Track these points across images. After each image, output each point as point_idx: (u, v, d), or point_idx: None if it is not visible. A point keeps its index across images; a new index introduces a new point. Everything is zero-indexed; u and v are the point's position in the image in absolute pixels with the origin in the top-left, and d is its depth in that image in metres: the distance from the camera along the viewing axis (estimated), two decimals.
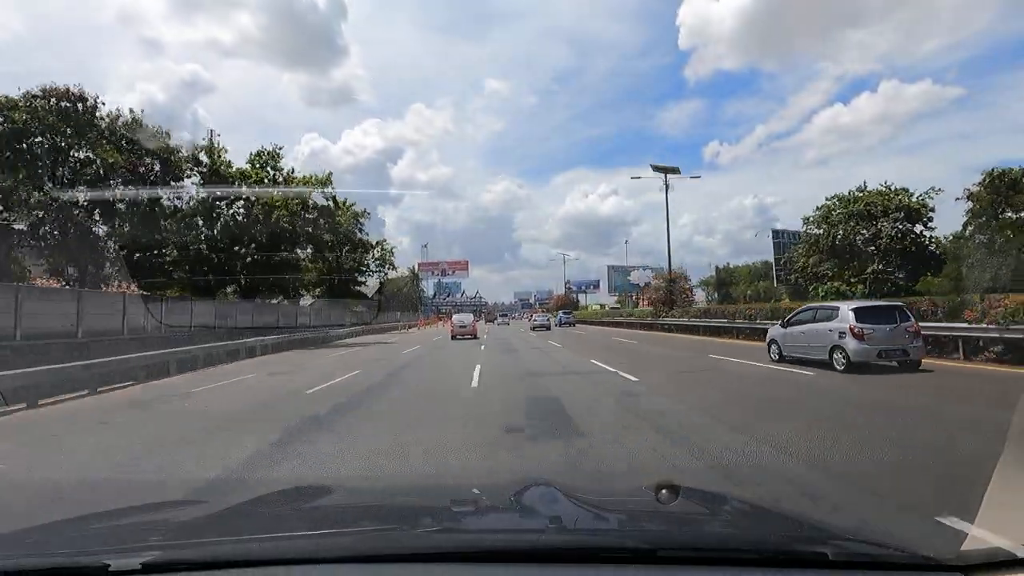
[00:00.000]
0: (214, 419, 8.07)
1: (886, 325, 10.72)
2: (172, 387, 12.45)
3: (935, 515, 3.19)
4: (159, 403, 10.20)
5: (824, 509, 3.58)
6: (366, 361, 17.33)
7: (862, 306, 11.43)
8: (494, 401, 8.77)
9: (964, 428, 5.85)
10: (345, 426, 7.10)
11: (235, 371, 15.71)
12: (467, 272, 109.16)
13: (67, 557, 1.26)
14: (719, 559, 1.19)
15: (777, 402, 8.17)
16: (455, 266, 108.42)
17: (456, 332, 27.76)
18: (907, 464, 4.56)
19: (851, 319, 10.82)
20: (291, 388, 11.34)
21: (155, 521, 1.83)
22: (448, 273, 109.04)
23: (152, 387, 12.66)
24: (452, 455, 5.31)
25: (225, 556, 1.22)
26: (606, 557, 1.20)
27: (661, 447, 5.35)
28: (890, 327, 10.70)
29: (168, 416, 8.83)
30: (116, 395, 11.44)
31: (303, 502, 2.03)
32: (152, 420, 8.53)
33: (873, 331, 10.60)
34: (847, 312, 11.09)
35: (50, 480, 5.04)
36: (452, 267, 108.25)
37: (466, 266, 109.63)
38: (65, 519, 1.81)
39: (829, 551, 1.15)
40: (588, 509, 1.70)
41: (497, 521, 1.77)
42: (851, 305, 11.52)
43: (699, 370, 12.52)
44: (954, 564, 1.10)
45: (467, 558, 1.19)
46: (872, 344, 10.53)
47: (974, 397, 8.00)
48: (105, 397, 11.14)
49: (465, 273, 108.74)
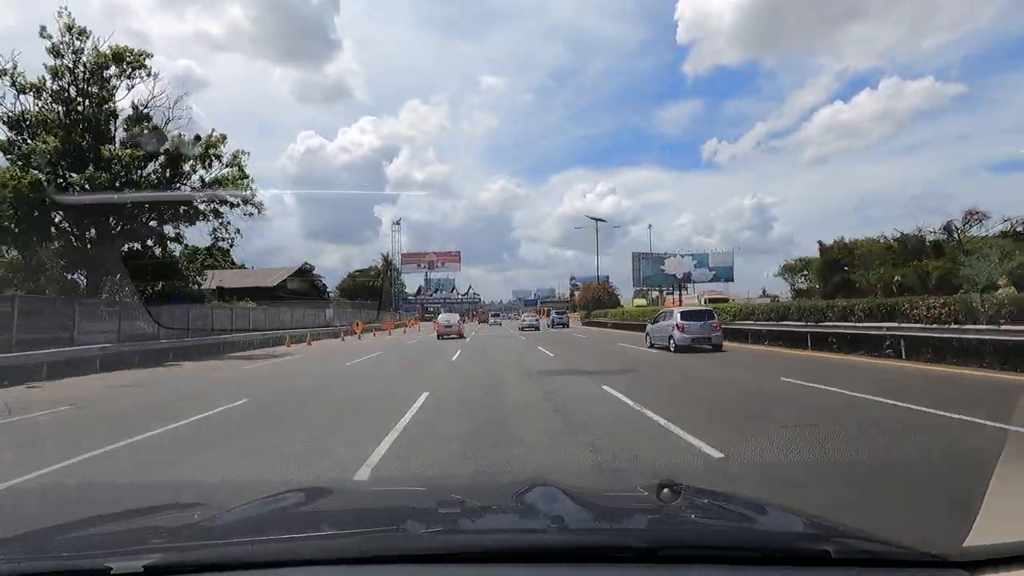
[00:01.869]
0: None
1: (698, 322, 16.74)
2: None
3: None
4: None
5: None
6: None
7: (685, 310, 17.53)
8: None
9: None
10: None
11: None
12: (459, 265, 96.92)
13: (68, 560, 1.29)
14: (720, 558, 1.19)
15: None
16: (445, 258, 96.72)
17: (442, 332, 29.74)
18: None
19: (677, 319, 16.87)
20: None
21: (156, 523, 1.84)
22: (437, 266, 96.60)
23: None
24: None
25: (227, 558, 1.24)
26: (607, 557, 1.21)
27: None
28: (700, 324, 16.71)
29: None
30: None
31: (304, 504, 2.03)
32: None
33: (689, 326, 16.63)
34: (677, 314, 17.16)
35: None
36: (441, 259, 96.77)
37: (457, 257, 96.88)
38: (66, 522, 1.79)
39: (831, 549, 1.16)
40: (589, 509, 1.69)
41: (498, 521, 1.76)
42: (680, 309, 17.62)
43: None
44: (957, 561, 1.11)
45: (468, 558, 1.20)
46: (688, 334, 16.57)
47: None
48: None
49: (457, 266, 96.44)
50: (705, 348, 16.63)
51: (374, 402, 8.76)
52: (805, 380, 9.58)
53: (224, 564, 1.20)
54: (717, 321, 17.21)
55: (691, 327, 16.60)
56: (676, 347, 16.55)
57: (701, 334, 16.64)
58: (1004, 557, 1.10)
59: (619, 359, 15.50)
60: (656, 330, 18.59)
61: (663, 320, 18.12)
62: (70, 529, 1.71)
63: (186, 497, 4.15)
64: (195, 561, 1.21)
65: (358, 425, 6.94)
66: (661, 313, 19.69)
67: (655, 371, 12.26)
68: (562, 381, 10.63)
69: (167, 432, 6.73)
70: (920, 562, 1.14)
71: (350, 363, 16.30)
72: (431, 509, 1.93)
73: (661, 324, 18.19)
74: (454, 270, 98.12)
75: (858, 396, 7.84)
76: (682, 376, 11.20)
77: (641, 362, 14.24)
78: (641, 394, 8.51)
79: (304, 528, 1.68)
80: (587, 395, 8.86)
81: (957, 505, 3.11)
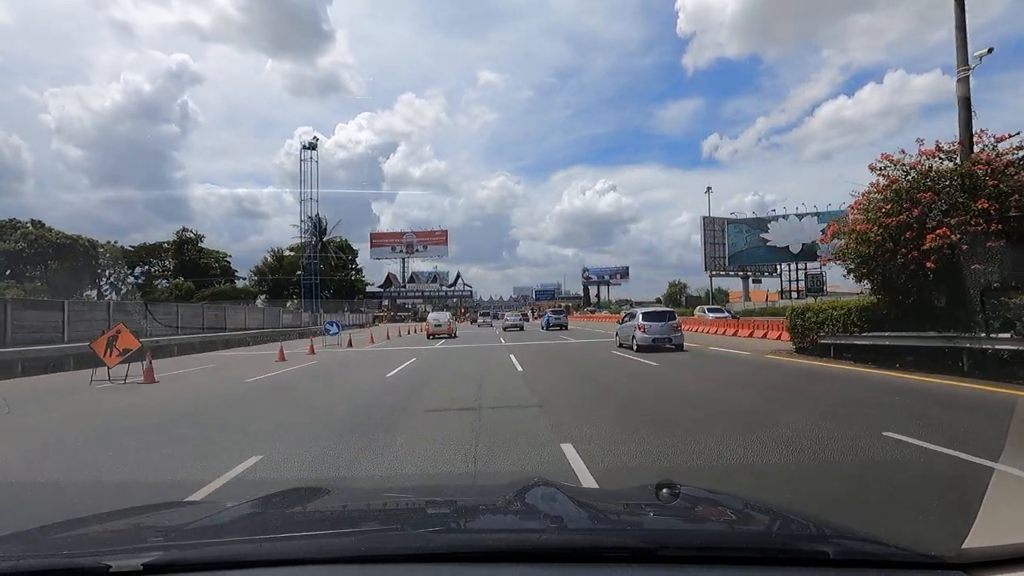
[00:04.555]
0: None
1: (659, 323, 17.48)
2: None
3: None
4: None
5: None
6: None
7: (648, 311, 18.28)
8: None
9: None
10: None
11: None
12: (446, 248, 77.30)
13: (68, 558, 1.28)
14: (720, 558, 1.20)
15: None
16: (428, 238, 76.21)
17: (432, 331, 29.87)
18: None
19: (640, 319, 17.60)
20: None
21: (156, 521, 1.84)
22: (417, 250, 76.44)
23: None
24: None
25: (226, 557, 1.24)
26: (606, 557, 1.21)
27: None
28: (661, 324, 17.46)
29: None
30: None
31: (304, 502, 2.04)
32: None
33: (651, 326, 17.37)
34: (639, 314, 17.91)
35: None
36: (424, 240, 76.20)
37: (444, 238, 76.99)
38: (66, 520, 1.76)
39: (830, 550, 1.17)
40: (588, 509, 1.69)
41: (498, 521, 1.76)
42: (643, 310, 18.40)
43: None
44: (955, 562, 1.10)
45: (468, 558, 1.20)
46: (649, 334, 17.31)
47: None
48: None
49: (443, 249, 77.11)
50: (668, 348, 17.40)
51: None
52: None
53: (223, 562, 1.21)
54: (679, 321, 17.96)
55: (653, 327, 17.37)
56: (638, 346, 17.34)
57: (662, 334, 17.40)
58: (1003, 559, 1.10)
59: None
60: (622, 329, 19.35)
61: (630, 320, 18.88)
62: (70, 527, 1.70)
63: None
64: (194, 559, 1.21)
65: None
66: (626, 313, 20.63)
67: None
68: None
69: None
70: (919, 563, 1.14)
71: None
72: (429, 508, 1.93)
73: (627, 324, 18.95)
74: (439, 255, 78.94)
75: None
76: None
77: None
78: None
79: (303, 527, 1.68)
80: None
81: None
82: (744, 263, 44.78)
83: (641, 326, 17.27)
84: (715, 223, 44.28)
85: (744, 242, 42.00)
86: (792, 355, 14.84)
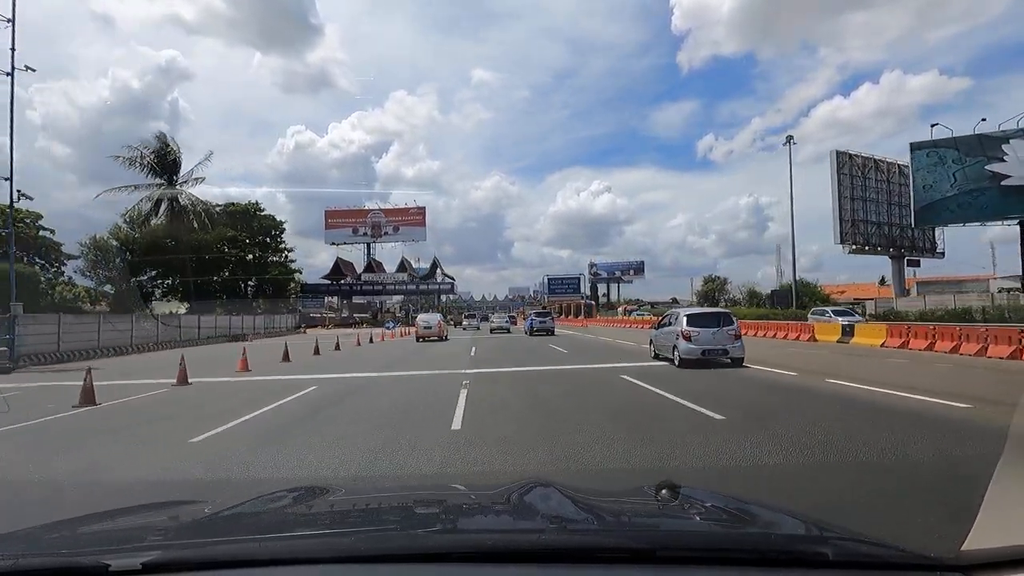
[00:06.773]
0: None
1: (711, 329, 13.07)
2: None
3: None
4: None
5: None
6: None
7: (693, 312, 13.79)
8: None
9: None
10: None
11: None
12: (424, 230, 62.35)
13: (67, 557, 1.27)
14: (719, 559, 1.19)
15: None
16: (400, 218, 61.25)
17: (421, 334, 28.44)
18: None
19: (684, 323, 13.18)
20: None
21: (155, 521, 1.84)
22: (387, 232, 61.75)
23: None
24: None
25: (226, 556, 1.23)
26: (606, 557, 1.21)
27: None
28: (714, 330, 13.06)
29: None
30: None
31: (303, 502, 2.05)
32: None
33: (699, 333, 12.97)
34: (682, 317, 13.43)
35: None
36: (395, 220, 61.31)
37: (421, 218, 62.06)
38: (65, 519, 1.78)
39: (829, 551, 1.16)
40: (588, 509, 1.68)
41: (497, 521, 1.76)
42: (686, 311, 13.86)
43: None
44: (954, 564, 1.10)
45: (467, 558, 1.20)
46: (697, 344, 12.91)
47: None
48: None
49: (420, 231, 62.22)
50: (723, 362, 13.01)
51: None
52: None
53: (222, 562, 1.20)
54: (736, 328, 13.35)
55: (702, 335, 12.94)
56: (681, 359, 12.98)
57: (714, 344, 13.04)
58: (1002, 560, 1.10)
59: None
60: (660, 337, 14.78)
61: (670, 325, 14.25)
62: (69, 526, 1.73)
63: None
64: (193, 559, 1.22)
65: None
66: (667, 314, 15.72)
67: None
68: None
69: None
70: (918, 565, 1.14)
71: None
72: (429, 508, 1.95)
73: (666, 330, 14.40)
74: (415, 238, 63.06)
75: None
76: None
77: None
78: None
79: (302, 526, 1.70)
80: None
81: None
82: (951, 219, 25.53)
83: (686, 333, 12.86)
84: (864, 164, 25.23)
85: (951, 180, 23.30)
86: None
